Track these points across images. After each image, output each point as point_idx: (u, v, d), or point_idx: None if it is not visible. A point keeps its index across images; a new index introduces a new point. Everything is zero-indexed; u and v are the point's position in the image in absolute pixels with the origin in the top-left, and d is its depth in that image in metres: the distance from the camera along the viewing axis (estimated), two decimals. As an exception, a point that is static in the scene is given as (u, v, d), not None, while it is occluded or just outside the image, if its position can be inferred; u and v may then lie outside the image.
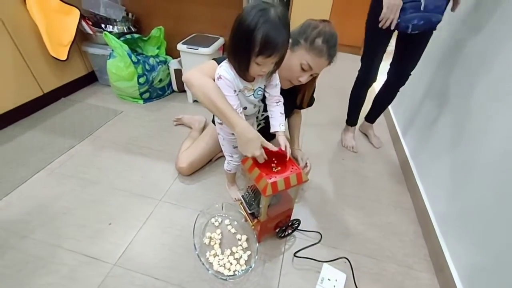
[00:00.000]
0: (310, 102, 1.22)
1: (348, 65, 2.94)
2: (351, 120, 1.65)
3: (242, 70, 0.73)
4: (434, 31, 1.18)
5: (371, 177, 1.43)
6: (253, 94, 0.84)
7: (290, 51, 0.86)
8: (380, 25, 1.13)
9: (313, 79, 0.99)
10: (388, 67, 1.44)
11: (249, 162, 0.85)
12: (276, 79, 0.87)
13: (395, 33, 1.22)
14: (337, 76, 2.52)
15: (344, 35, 2.88)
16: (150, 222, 1.07)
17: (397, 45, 1.33)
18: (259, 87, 0.84)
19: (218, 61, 0.83)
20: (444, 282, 0.95)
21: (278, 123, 0.90)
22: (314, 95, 1.23)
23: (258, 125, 1.19)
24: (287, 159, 0.85)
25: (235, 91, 0.79)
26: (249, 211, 0.90)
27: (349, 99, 1.59)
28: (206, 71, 0.80)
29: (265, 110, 1.11)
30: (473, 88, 1.06)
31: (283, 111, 0.90)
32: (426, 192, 1.22)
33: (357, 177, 1.42)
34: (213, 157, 1.36)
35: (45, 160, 1.30)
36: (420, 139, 1.42)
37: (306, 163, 1.14)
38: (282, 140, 0.87)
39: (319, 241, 1.06)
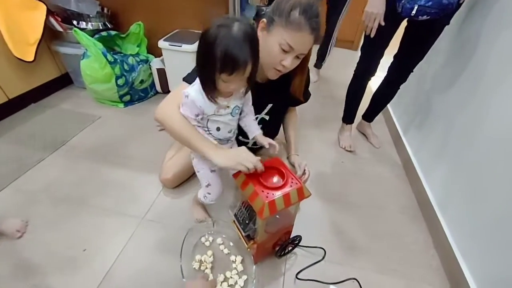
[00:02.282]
0: (306, 96, 1.09)
1: (340, 61, 2.86)
2: (348, 117, 1.54)
3: (210, 87, 0.66)
4: (446, 26, 1.08)
5: (373, 180, 1.33)
6: (231, 113, 0.75)
7: (266, 33, 0.78)
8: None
9: (304, 62, 0.84)
10: (390, 61, 1.33)
11: (241, 177, 0.73)
12: (250, 99, 0.82)
13: (403, 23, 1.12)
14: (329, 73, 2.43)
15: (336, 29, 2.79)
16: (131, 245, 0.94)
17: (403, 37, 1.22)
18: (237, 105, 0.76)
19: (192, 76, 0.78)
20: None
21: (254, 128, 0.85)
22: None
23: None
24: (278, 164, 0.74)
25: (197, 115, 0.72)
26: (243, 234, 0.79)
27: (346, 95, 1.49)
28: (179, 100, 0.73)
29: (258, 112, 1.00)
30: (479, 83, 0.97)
31: (254, 117, 0.87)
32: (434, 195, 1.13)
33: (358, 181, 1.32)
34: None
35: (10, 176, 1.14)
36: (423, 137, 1.33)
37: (304, 170, 1.03)
38: (263, 139, 0.83)
39: (323, 258, 0.96)
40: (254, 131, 0.85)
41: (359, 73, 1.34)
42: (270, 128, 1.08)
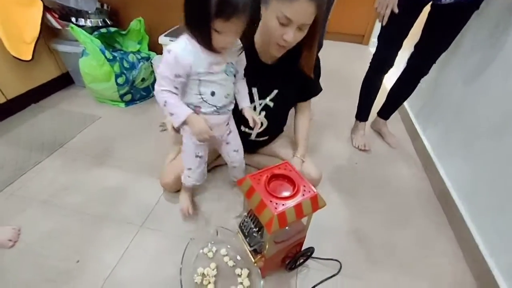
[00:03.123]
0: (316, 89, 1.01)
1: (351, 56, 2.73)
2: (362, 115, 1.42)
3: (205, 40, 0.61)
4: (476, 11, 0.96)
5: (391, 184, 1.22)
6: (225, 71, 0.69)
7: (264, 10, 0.74)
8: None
9: (312, 34, 0.76)
10: (408, 53, 1.22)
11: (247, 184, 0.64)
12: (244, 63, 0.78)
13: (425, 10, 1.00)
14: (340, 69, 2.31)
15: (344, 23, 2.66)
16: (128, 255, 0.86)
17: (426, 24, 1.11)
18: (231, 63, 0.71)
19: None
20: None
21: (246, 99, 0.83)
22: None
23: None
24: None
25: (178, 76, 0.64)
26: (250, 248, 0.70)
27: (361, 90, 1.37)
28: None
29: (262, 97, 0.95)
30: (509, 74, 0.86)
31: (246, 88, 0.83)
32: (461, 199, 1.02)
33: (375, 184, 1.21)
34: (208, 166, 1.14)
35: (5, 181, 1.08)
36: (444, 133, 1.21)
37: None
38: (249, 113, 0.80)
39: (339, 271, 0.86)
40: (245, 101, 0.82)
41: (375, 65, 1.23)
42: (274, 118, 1.00)
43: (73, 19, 1.51)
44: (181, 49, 0.62)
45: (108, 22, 1.62)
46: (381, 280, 0.84)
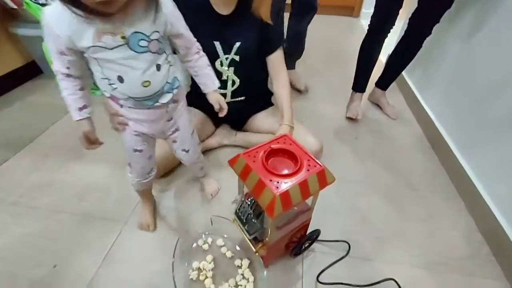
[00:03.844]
0: (279, 39, 0.93)
1: (342, 29, 2.60)
2: (359, 84, 1.33)
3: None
4: None
5: (394, 156, 1.14)
6: (128, 45, 0.48)
7: None
8: None
9: None
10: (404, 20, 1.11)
11: (240, 163, 0.54)
12: (184, 30, 0.57)
13: None
14: (333, 44, 2.19)
15: (333, -7, 2.51)
16: (112, 256, 0.77)
17: None
18: (139, 32, 0.48)
19: None
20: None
21: (210, 79, 0.66)
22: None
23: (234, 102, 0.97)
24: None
25: (61, 52, 0.47)
26: (249, 237, 0.60)
27: (358, 57, 1.27)
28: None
29: (227, 52, 0.87)
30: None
31: (209, 62, 0.65)
32: (472, 167, 0.95)
33: (378, 158, 1.13)
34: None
35: (-34, 183, 0.95)
36: (445, 98, 1.13)
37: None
38: (214, 98, 0.68)
39: (347, 253, 0.78)
40: (208, 85, 0.66)
41: (374, 27, 1.13)
42: (244, 73, 0.94)
43: (30, -3, 1.33)
44: (51, 14, 0.44)
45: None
46: (394, 260, 0.77)
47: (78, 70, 0.50)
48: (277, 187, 0.48)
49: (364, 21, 2.59)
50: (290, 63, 1.50)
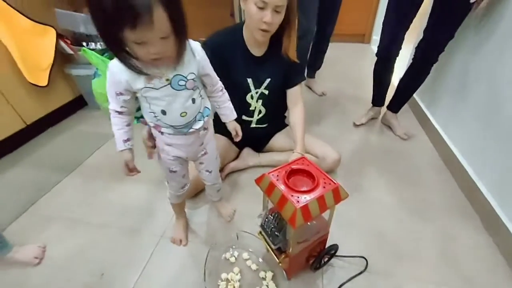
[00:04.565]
0: (302, 74, 1.09)
1: (353, 55, 2.74)
2: (377, 100, 1.52)
3: (122, 54, 0.52)
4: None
5: (410, 176, 1.19)
6: (170, 84, 0.60)
7: (243, 3, 0.85)
8: None
9: (288, 24, 0.87)
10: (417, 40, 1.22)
11: (266, 181, 0.64)
12: (209, 70, 0.68)
13: None
14: (347, 70, 2.32)
15: (344, 23, 2.67)
16: (151, 266, 0.87)
17: (432, 7, 1.12)
18: (180, 75, 0.60)
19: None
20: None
21: (230, 111, 0.79)
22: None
23: (259, 112, 1.11)
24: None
25: (120, 94, 0.60)
26: (273, 247, 0.69)
27: (373, 78, 1.45)
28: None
29: (257, 87, 1.03)
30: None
31: (229, 97, 0.78)
32: (487, 187, 0.98)
33: (393, 177, 1.18)
34: (221, 173, 1.15)
35: (27, 202, 1.11)
36: (455, 116, 1.18)
37: None
38: (232, 125, 0.81)
39: (365, 268, 0.83)
40: (227, 116, 0.79)
41: (381, 52, 1.28)
42: (270, 105, 1.10)
43: (84, 44, 1.59)
44: (116, 66, 0.56)
45: (116, 43, 1.69)
46: (412, 276, 0.81)
47: (128, 109, 0.64)
48: (298, 201, 0.57)
49: (375, 47, 2.71)
50: (311, 73, 1.86)
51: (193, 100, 0.66)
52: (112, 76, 0.58)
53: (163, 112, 0.63)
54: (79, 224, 1.01)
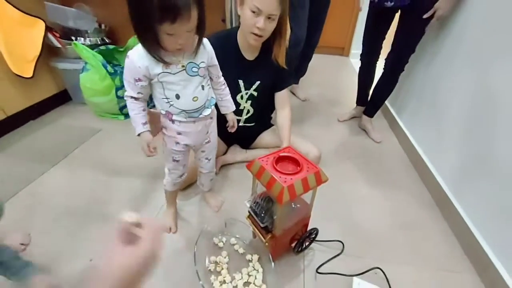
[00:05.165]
0: (289, 79, 1.18)
1: (334, 66, 2.94)
2: (360, 100, 1.72)
3: (154, 46, 0.61)
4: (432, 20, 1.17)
5: (382, 172, 1.31)
6: (186, 71, 0.68)
7: (241, 6, 0.90)
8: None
9: (279, 33, 0.95)
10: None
11: (256, 165, 0.71)
12: (216, 64, 0.78)
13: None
14: (328, 79, 2.48)
15: (326, 36, 2.87)
16: (140, 252, 0.89)
17: (397, 25, 1.31)
18: (192, 62, 0.69)
19: None
20: (491, 282, 0.82)
21: (230, 103, 0.88)
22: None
23: (247, 114, 1.19)
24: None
25: (138, 79, 0.66)
26: (261, 225, 0.75)
27: (358, 81, 1.67)
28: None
29: (247, 88, 1.11)
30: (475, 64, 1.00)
31: (229, 91, 0.87)
32: (446, 183, 1.12)
33: (367, 173, 1.30)
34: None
35: (11, 191, 1.09)
36: (422, 125, 1.34)
37: None
38: (231, 117, 0.89)
39: (342, 251, 0.92)
40: (228, 107, 0.87)
41: (363, 58, 1.50)
42: (258, 106, 1.18)
43: (73, 38, 1.59)
44: (136, 53, 0.63)
45: (106, 40, 1.71)
46: (382, 258, 0.90)
47: (144, 95, 0.70)
48: (285, 181, 0.65)
49: (353, 60, 2.93)
50: (295, 79, 1.98)
51: (203, 87, 0.73)
52: (132, 64, 0.64)
53: (177, 96, 0.69)
54: (65, 212, 1.01)
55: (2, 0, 1.31)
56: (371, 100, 1.58)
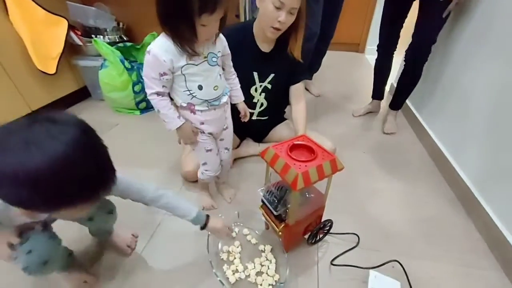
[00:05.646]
0: (305, 72, 1.18)
1: (348, 63, 2.88)
2: (375, 94, 1.68)
3: (188, 39, 0.63)
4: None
5: (399, 167, 1.27)
6: (207, 61, 0.71)
7: (260, 2, 0.90)
8: None
9: (297, 21, 0.92)
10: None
11: (270, 153, 0.71)
12: (228, 51, 0.80)
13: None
14: (342, 76, 2.44)
15: (340, 32, 2.82)
16: (155, 240, 0.91)
17: (418, 13, 1.25)
18: (212, 52, 0.72)
19: None
20: (518, 281, 0.78)
21: (241, 93, 0.90)
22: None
23: (261, 105, 1.17)
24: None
25: (163, 74, 0.67)
26: (275, 213, 0.75)
27: (374, 74, 1.63)
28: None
29: (262, 80, 1.09)
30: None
31: (239, 82, 0.89)
32: (469, 177, 1.07)
33: (383, 167, 1.27)
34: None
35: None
36: (442, 114, 1.29)
37: None
38: (242, 106, 0.91)
39: (357, 244, 0.90)
40: (239, 98, 0.90)
41: (379, 49, 1.46)
42: (272, 99, 1.16)
43: (93, 36, 1.65)
44: (159, 47, 0.65)
45: (124, 38, 1.76)
46: (400, 252, 0.87)
47: (167, 89, 0.72)
48: (299, 168, 0.64)
49: (369, 56, 2.86)
50: (309, 75, 1.95)
51: (220, 76, 0.77)
52: (155, 59, 0.65)
53: (200, 87, 0.73)
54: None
55: (29, 0, 1.38)
56: (396, 93, 1.53)
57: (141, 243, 0.89)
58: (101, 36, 1.68)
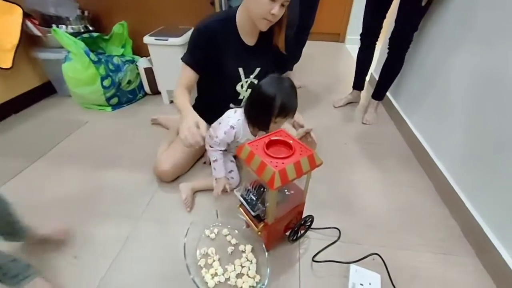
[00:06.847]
0: (289, 63, 1.22)
1: (329, 53, 2.87)
2: (356, 84, 1.68)
3: (262, 128, 0.89)
4: None
5: (380, 159, 1.28)
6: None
7: None
8: None
9: (281, 19, 0.92)
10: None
11: (246, 150, 0.66)
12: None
13: None
14: (323, 66, 2.42)
15: (321, 22, 2.79)
16: (127, 247, 0.85)
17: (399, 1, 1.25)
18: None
19: (189, 55, 0.94)
20: (491, 264, 0.80)
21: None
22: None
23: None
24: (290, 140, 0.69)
25: (229, 144, 0.94)
26: (253, 214, 0.71)
27: (356, 62, 1.62)
28: (182, 82, 0.95)
29: (247, 76, 1.05)
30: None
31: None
32: (447, 169, 1.08)
33: (364, 160, 1.27)
34: (201, 159, 1.17)
35: (-11, 187, 1.04)
36: (421, 108, 1.30)
37: (310, 133, 1.01)
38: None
39: (338, 238, 0.89)
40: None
41: (363, 36, 1.46)
42: None
43: (54, 26, 1.51)
44: (238, 124, 0.90)
45: (89, 27, 1.62)
46: (380, 244, 0.87)
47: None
48: (276, 166, 0.60)
49: (349, 45, 2.86)
50: (289, 66, 1.88)
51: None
52: (235, 134, 0.91)
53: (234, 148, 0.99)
54: (45, 211, 0.96)
55: (-27, -15, 1.22)
56: (379, 83, 1.53)
57: (111, 254, 0.82)
58: (64, 26, 1.54)
